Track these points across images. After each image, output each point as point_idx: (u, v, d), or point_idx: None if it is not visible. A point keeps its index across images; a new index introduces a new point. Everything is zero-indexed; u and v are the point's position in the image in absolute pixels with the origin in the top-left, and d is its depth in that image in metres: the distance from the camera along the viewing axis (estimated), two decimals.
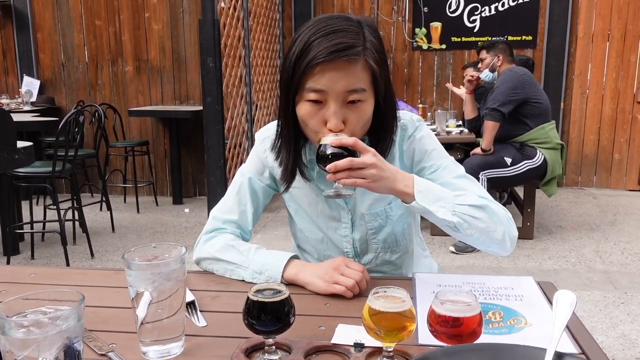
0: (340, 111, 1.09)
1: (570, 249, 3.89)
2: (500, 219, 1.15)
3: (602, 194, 5.55)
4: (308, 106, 1.11)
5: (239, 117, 4.92)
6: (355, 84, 1.08)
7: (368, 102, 1.12)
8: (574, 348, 0.88)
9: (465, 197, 1.13)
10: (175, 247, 0.90)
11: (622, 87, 5.57)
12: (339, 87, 1.08)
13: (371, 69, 1.11)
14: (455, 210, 1.10)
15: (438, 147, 1.27)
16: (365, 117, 1.13)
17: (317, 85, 1.08)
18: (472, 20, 5.73)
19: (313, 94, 1.09)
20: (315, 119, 1.11)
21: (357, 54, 1.07)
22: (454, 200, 1.10)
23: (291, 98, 1.13)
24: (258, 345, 0.88)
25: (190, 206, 5.32)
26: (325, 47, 1.06)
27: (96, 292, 1.14)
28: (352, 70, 1.08)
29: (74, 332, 0.69)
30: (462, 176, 1.23)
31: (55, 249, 4.00)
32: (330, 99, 1.09)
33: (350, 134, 1.10)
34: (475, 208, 1.11)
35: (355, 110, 1.11)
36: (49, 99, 5.68)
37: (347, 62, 1.07)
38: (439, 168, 1.24)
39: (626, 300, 3.02)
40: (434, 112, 4.66)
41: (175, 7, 5.40)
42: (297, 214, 1.35)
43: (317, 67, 1.06)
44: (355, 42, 1.08)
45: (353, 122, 1.11)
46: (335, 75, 1.07)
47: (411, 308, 0.81)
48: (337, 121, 1.09)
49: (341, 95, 1.08)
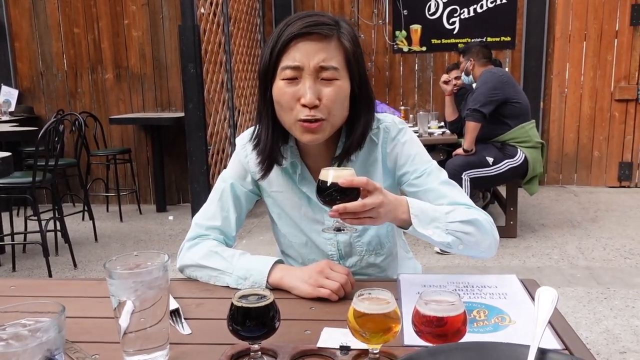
0: (315, 86, 1.11)
1: (553, 246, 3.93)
2: (487, 230, 1.17)
3: (582, 192, 5.62)
4: (283, 85, 1.13)
5: (222, 123, 4.90)
6: (328, 61, 1.11)
7: (343, 81, 1.14)
8: (558, 344, 0.89)
9: (455, 213, 1.14)
10: (158, 254, 0.89)
11: (599, 86, 5.65)
12: (313, 62, 1.10)
13: (345, 49, 1.14)
14: (448, 229, 1.12)
15: (421, 152, 1.28)
16: (340, 95, 1.14)
17: (291, 62, 1.10)
18: (451, 22, 5.78)
19: (288, 71, 1.11)
20: (289, 95, 1.12)
21: (330, 30, 1.12)
22: (446, 219, 1.12)
23: (268, 81, 1.15)
24: (244, 352, 0.87)
25: (174, 213, 5.29)
26: (300, 24, 1.10)
27: (78, 303, 1.12)
28: (325, 46, 1.11)
29: (55, 344, 0.68)
30: (445, 182, 1.25)
31: (37, 260, 3.94)
32: (305, 75, 1.11)
33: (325, 111, 1.12)
34: (465, 224, 1.13)
35: (329, 85, 1.12)
36: (28, 108, 5.60)
37: (321, 36, 1.10)
38: (423, 174, 1.25)
39: (609, 296, 3.06)
40: (416, 114, 4.69)
41: (155, 13, 5.37)
42: (280, 219, 1.35)
43: (292, 42, 1.10)
44: (329, 22, 1.13)
45: (328, 98, 1.12)
46: (310, 49, 1.10)
47: (396, 309, 0.81)
48: (312, 96, 1.10)
49: (315, 70, 1.10)
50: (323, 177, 1.03)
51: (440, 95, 5.93)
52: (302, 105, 1.11)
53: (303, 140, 1.17)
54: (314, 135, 1.15)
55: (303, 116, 1.12)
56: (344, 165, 1.22)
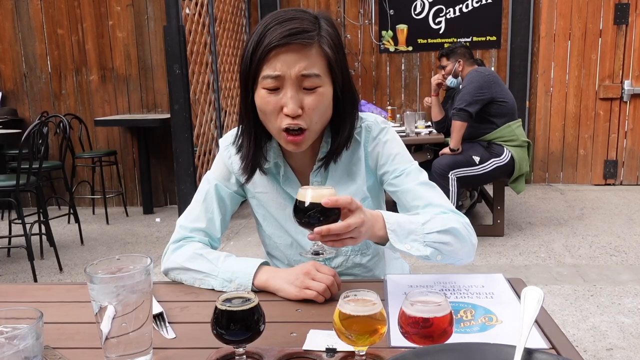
0: (297, 96, 1.10)
1: (540, 245, 3.95)
2: (464, 237, 1.15)
3: (569, 190, 5.67)
4: (265, 93, 1.11)
5: (208, 124, 4.87)
6: (309, 69, 1.09)
7: (325, 88, 1.12)
8: (544, 343, 0.89)
9: (432, 223, 1.12)
10: (141, 258, 0.88)
11: (584, 85, 5.70)
12: (294, 71, 1.08)
13: (326, 55, 1.12)
14: (426, 240, 1.09)
15: (402, 152, 1.27)
16: (323, 103, 1.13)
17: (272, 71, 1.08)
18: (437, 22, 5.80)
19: (269, 81, 1.09)
20: (272, 105, 1.11)
21: (310, 37, 1.09)
22: (423, 230, 1.10)
23: (250, 88, 1.13)
24: (228, 356, 0.86)
25: (161, 215, 5.25)
26: (279, 32, 1.08)
27: (60, 308, 1.10)
28: (306, 54, 1.09)
29: (33, 351, 0.66)
30: (424, 183, 1.23)
31: (21, 264, 3.89)
32: (287, 84, 1.09)
33: (308, 120, 1.11)
34: (443, 233, 1.11)
35: (312, 94, 1.11)
36: (11, 110, 5.53)
37: (301, 46, 1.08)
38: (402, 173, 1.24)
39: (595, 293, 3.08)
40: (403, 114, 4.70)
41: (140, 14, 5.33)
42: (265, 220, 1.34)
43: (272, 52, 1.08)
44: (309, 28, 1.10)
45: (311, 107, 1.11)
46: (290, 59, 1.08)
47: (382, 311, 0.81)
48: (294, 106, 1.09)
49: (296, 79, 1.09)
50: (301, 197, 0.97)
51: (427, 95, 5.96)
52: (285, 114, 1.10)
53: (287, 148, 1.17)
54: (297, 146, 1.14)
55: (286, 125, 1.11)
56: (326, 169, 1.23)
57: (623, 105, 5.67)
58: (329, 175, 1.26)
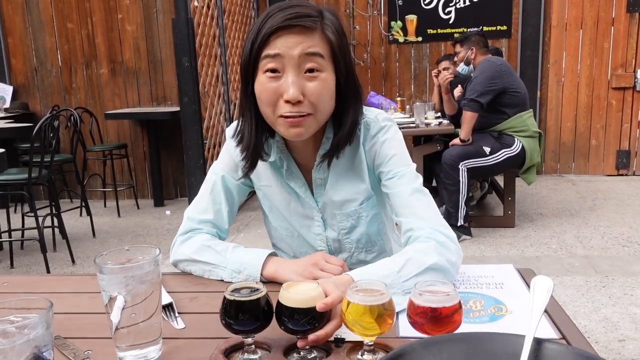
0: (298, 81, 1.05)
1: (551, 236, 3.93)
2: (444, 270, 1.07)
3: (580, 180, 5.62)
4: (265, 79, 1.07)
5: (217, 117, 4.88)
6: (312, 47, 1.05)
7: (328, 73, 1.08)
8: (554, 333, 0.88)
9: (409, 267, 1.03)
10: (150, 249, 0.88)
11: (596, 74, 5.64)
12: (296, 51, 1.04)
13: (329, 41, 1.08)
14: (404, 289, 1.02)
15: (400, 153, 1.21)
16: (326, 88, 1.08)
17: (272, 50, 1.05)
18: (447, 12, 5.75)
19: (270, 62, 1.05)
20: (271, 91, 1.07)
21: (314, 22, 1.06)
22: (399, 279, 1.02)
23: (250, 75, 1.10)
24: (237, 345, 0.86)
25: (171, 208, 5.27)
26: (281, 16, 1.05)
27: (71, 299, 1.11)
28: (309, 36, 1.06)
29: (43, 340, 0.67)
30: (416, 190, 1.17)
31: (35, 256, 3.93)
32: (288, 67, 1.05)
33: (311, 107, 1.07)
34: (421, 275, 1.03)
35: (313, 80, 1.06)
36: (22, 104, 5.57)
37: (304, 28, 1.05)
38: (395, 176, 1.19)
39: (607, 284, 3.06)
40: (412, 105, 4.67)
41: (149, 7, 5.34)
42: (272, 212, 1.33)
43: (273, 35, 1.05)
44: (312, 13, 1.07)
45: (313, 92, 1.06)
46: (292, 40, 1.05)
47: (390, 300, 0.80)
48: (295, 90, 1.04)
49: (298, 61, 1.05)
50: (287, 301, 0.81)
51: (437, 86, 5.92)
52: (285, 101, 1.06)
53: (288, 136, 1.12)
54: (298, 129, 1.09)
55: (285, 112, 1.06)
56: (328, 165, 1.19)
57: (636, 95, 5.60)
58: (332, 170, 1.23)
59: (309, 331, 0.82)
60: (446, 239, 1.11)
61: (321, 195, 1.26)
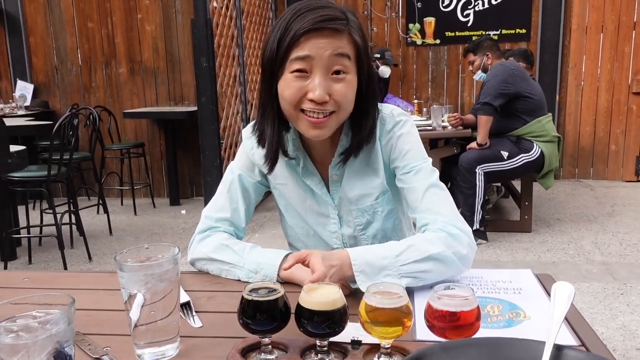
0: (325, 82, 1.07)
1: (569, 241, 3.88)
2: (447, 261, 1.07)
3: (599, 186, 5.55)
4: (291, 78, 1.08)
5: (234, 117, 4.90)
6: (341, 49, 1.07)
7: (352, 76, 1.11)
8: (574, 340, 0.87)
9: (409, 252, 1.05)
10: (169, 247, 0.89)
11: (616, 79, 5.57)
12: (326, 53, 1.06)
13: (356, 44, 1.11)
14: (401, 272, 1.03)
15: (416, 147, 1.22)
16: (350, 91, 1.11)
17: (302, 51, 1.06)
18: (465, 14, 5.72)
19: (298, 63, 1.07)
20: (295, 89, 1.08)
21: (342, 25, 1.08)
22: (397, 263, 1.04)
23: (275, 74, 1.11)
24: (254, 345, 0.86)
25: (187, 207, 5.31)
26: (311, 18, 1.06)
27: (90, 295, 1.12)
28: (338, 38, 1.08)
29: (65, 336, 0.68)
30: (432, 185, 1.18)
31: (52, 253, 3.98)
32: (316, 68, 1.07)
33: (336, 105, 1.09)
34: (421, 262, 1.04)
35: (340, 82, 1.09)
36: (43, 102, 5.65)
37: (334, 31, 1.07)
38: (412, 170, 1.20)
39: (625, 291, 3.01)
40: (430, 108, 4.65)
41: (168, 7, 5.38)
42: (287, 211, 1.34)
43: (303, 37, 1.06)
44: (340, 16, 1.09)
45: (339, 93, 1.09)
46: (322, 43, 1.06)
47: (408, 304, 0.80)
48: (322, 92, 1.06)
49: (327, 62, 1.07)
50: (308, 303, 0.82)
51: (454, 89, 5.89)
52: (309, 99, 1.08)
53: (308, 135, 1.14)
54: (320, 131, 1.11)
55: (308, 107, 1.09)
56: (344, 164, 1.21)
57: None
58: (348, 167, 1.24)
59: (328, 334, 0.82)
60: (459, 231, 1.11)
61: (337, 192, 1.26)
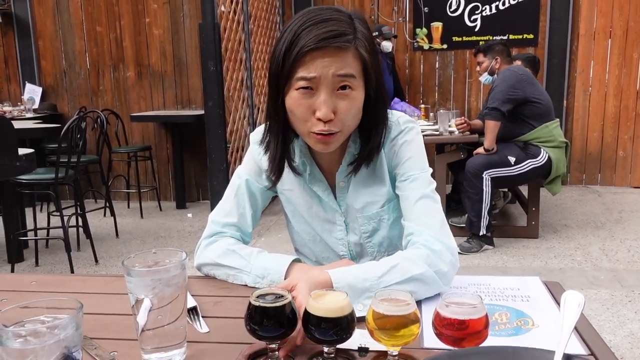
0: (331, 100, 1.07)
1: (576, 248, 3.86)
2: (430, 281, 1.06)
3: (606, 192, 5.52)
4: (297, 95, 1.08)
5: (241, 121, 4.91)
6: (346, 69, 1.06)
7: (358, 91, 1.10)
8: (583, 349, 0.86)
9: (391, 274, 1.04)
10: (176, 252, 0.89)
11: (624, 84, 5.54)
12: (330, 72, 1.06)
13: (362, 58, 1.09)
14: None
15: (417, 156, 1.22)
16: (355, 107, 1.10)
17: (308, 73, 1.06)
18: (472, 19, 5.72)
19: (303, 82, 1.07)
20: (304, 107, 1.08)
21: (348, 41, 1.06)
22: (379, 285, 1.02)
23: (281, 88, 1.11)
24: (261, 351, 0.86)
25: (193, 211, 5.32)
26: (316, 34, 1.04)
27: (97, 299, 1.12)
28: (342, 57, 1.06)
29: (73, 341, 0.68)
30: (425, 196, 1.17)
31: (59, 255, 4.00)
32: (321, 86, 1.07)
33: (340, 124, 1.09)
34: (403, 284, 1.03)
35: (345, 99, 1.08)
36: (51, 105, 5.69)
37: (338, 49, 1.06)
38: (408, 179, 1.20)
39: (633, 299, 2.99)
40: (436, 112, 4.64)
41: (176, 11, 5.41)
42: (294, 216, 1.34)
43: (308, 55, 1.05)
44: (346, 31, 1.07)
45: (343, 111, 1.09)
46: (326, 62, 1.05)
47: (415, 311, 0.80)
48: (327, 110, 1.06)
49: (332, 80, 1.06)
50: (315, 310, 0.82)
51: (461, 93, 5.88)
52: (317, 118, 1.08)
53: (316, 148, 1.15)
54: (326, 146, 1.12)
55: (317, 130, 1.09)
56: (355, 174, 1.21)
57: None
58: (354, 175, 1.24)
59: (335, 341, 0.82)
60: (442, 247, 1.10)
61: (344, 199, 1.26)
